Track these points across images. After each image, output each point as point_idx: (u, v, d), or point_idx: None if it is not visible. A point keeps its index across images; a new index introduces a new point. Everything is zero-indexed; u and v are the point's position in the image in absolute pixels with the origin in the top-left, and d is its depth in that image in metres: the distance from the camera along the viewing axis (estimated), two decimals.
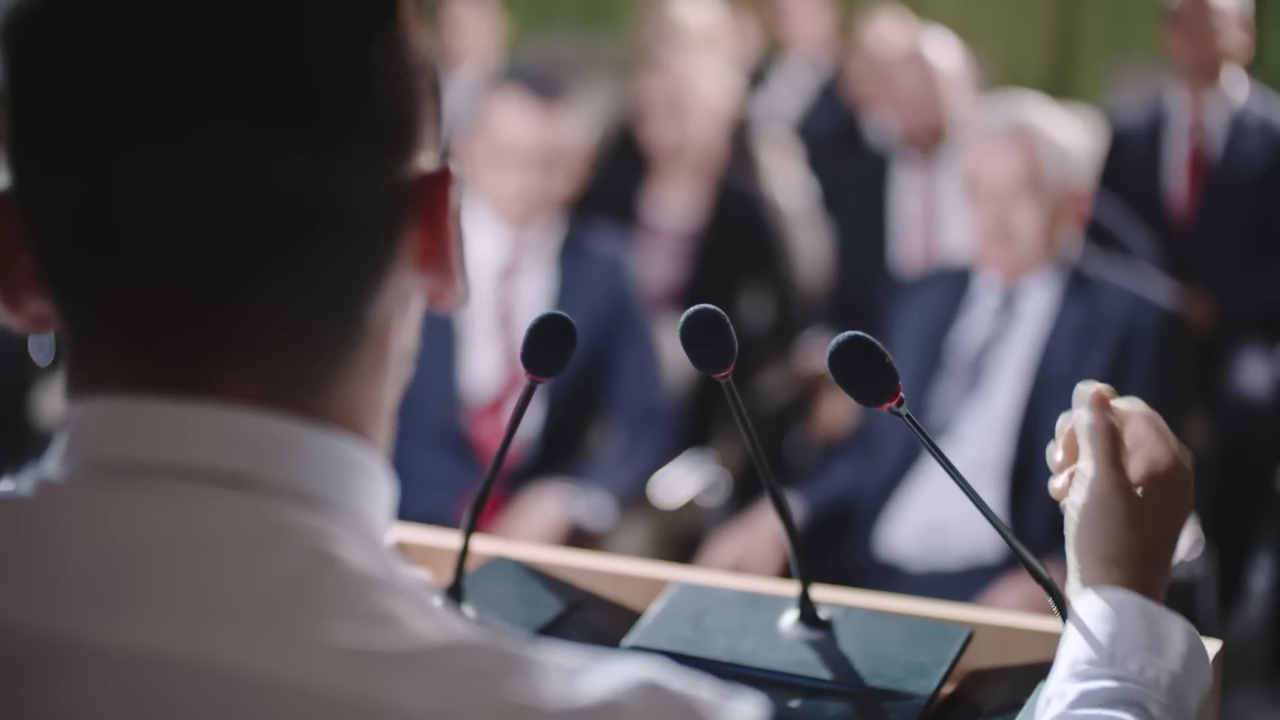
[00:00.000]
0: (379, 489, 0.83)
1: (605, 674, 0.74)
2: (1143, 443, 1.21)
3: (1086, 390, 1.22)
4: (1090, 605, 1.14)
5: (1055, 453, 1.25)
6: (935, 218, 4.30)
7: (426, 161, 0.84)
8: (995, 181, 3.07)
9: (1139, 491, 1.18)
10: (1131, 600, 1.14)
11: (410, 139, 0.83)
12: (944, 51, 4.37)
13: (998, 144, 3.09)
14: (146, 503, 0.77)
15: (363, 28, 0.80)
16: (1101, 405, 1.21)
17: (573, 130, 3.41)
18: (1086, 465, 1.19)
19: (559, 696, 0.72)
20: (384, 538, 0.83)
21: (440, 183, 0.84)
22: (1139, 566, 1.16)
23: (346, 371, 0.81)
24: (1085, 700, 1.10)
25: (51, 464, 0.81)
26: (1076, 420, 1.22)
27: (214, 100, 0.76)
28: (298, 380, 0.80)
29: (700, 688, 0.75)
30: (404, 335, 0.87)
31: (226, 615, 0.73)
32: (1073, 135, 3.17)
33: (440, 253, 0.84)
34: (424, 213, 0.83)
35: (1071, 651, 1.14)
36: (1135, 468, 1.20)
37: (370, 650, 0.72)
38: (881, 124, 4.57)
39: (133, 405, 0.78)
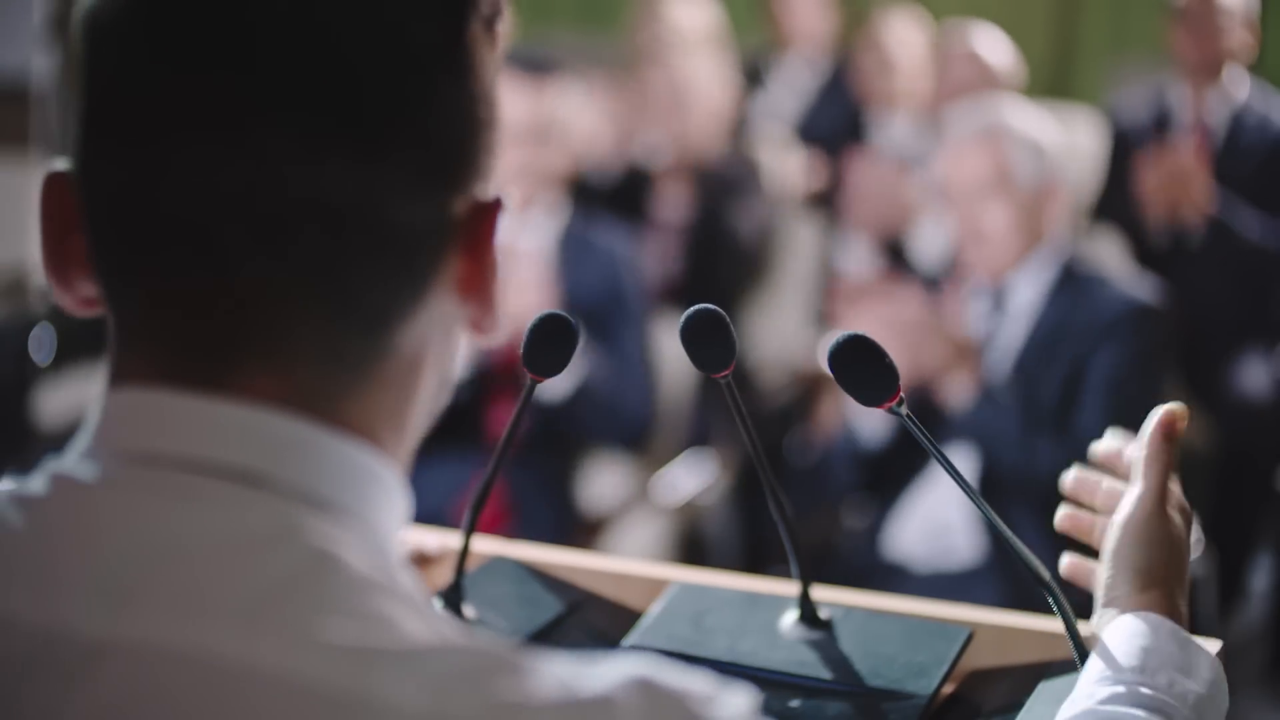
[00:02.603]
0: (391, 498, 0.84)
1: (597, 672, 0.75)
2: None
3: (1159, 413, 1.24)
4: (1127, 623, 1.17)
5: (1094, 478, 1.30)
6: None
7: (479, 191, 0.84)
8: (964, 183, 3.11)
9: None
10: (1165, 624, 1.16)
11: (465, 166, 0.82)
12: (996, 48, 4.52)
13: (965, 147, 3.15)
14: (157, 499, 0.77)
15: (430, 49, 0.80)
16: (1169, 434, 1.24)
17: (565, 105, 3.41)
18: (1140, 484, 1.23)
19: (550, 693, 0.73)
20: (392, 545, 0.83)
21: (489, 213, 0.84)
22: (1169, 589, 1.19)
23: (370, 385, 0.82)
24: (1114, 700, 1.12)
25: (75, 452, 0.82)
26: (1143, 445, 1.24)
27: (265, 104, 0.77)
28: (319, 388, 0.80)
29: (692, 681, 0.76)
30: (444, 361, 0.87)
31: (227, 611, 0.74)
32: (1048, 131, 3.19)
33: (482, 282, 0.84)
34: (470, 241, 0.83)
35: (1104, 659, 1.16)
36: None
37: (363, 647, 0.73)
38: (907, 124, 4.58)
39: (158, 397, 0.80)
